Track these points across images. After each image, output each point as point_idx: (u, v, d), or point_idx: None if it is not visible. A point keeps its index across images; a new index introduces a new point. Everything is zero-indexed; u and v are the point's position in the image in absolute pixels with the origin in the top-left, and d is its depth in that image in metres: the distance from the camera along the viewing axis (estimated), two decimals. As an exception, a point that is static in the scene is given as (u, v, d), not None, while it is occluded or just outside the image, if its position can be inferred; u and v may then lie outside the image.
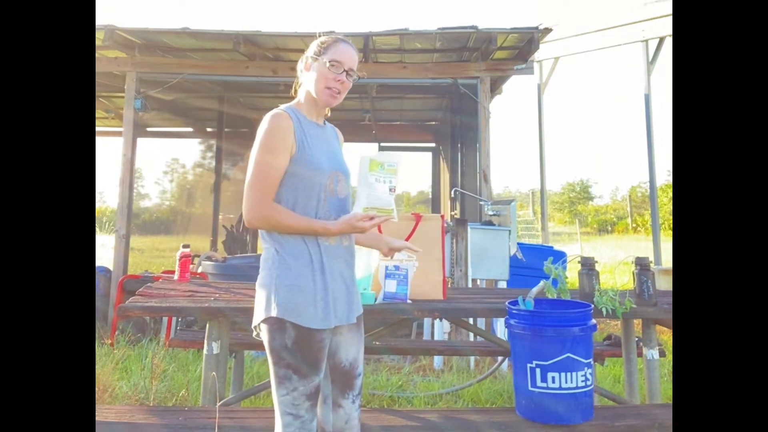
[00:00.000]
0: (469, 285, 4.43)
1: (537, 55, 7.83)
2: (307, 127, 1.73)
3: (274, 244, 1.67)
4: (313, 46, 1.78)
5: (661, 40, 7.01)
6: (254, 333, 1.69)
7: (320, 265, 1.65)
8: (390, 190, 1.71)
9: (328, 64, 1.71)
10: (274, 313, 1.59)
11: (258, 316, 1.65)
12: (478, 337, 4.19)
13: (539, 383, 2.02)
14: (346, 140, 2.03)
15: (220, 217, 8.96)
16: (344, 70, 1.72)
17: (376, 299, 2.42)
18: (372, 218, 1.66)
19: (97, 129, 9.21)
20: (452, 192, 7.48)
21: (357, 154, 1.86)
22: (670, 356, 3.76)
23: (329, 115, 1.88)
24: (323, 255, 1.67)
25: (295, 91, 1.85)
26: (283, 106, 1.75)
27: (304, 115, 1.76)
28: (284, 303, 1.59)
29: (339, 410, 1.71)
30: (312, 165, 1.68)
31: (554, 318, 2.09)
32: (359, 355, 1.77)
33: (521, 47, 5.51)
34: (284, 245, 1.66)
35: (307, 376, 1.60)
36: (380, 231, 2.56)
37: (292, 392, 1.59)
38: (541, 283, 2.43)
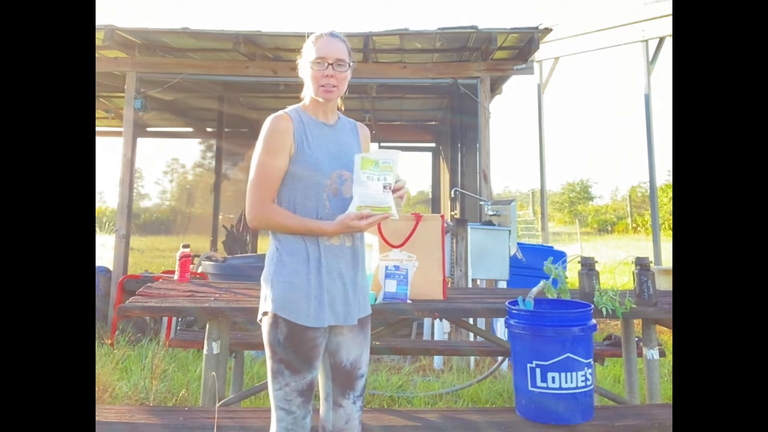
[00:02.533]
0: (469, 285, 4.43)
1: (537, 55, 7.83)
2: (310, 127, 1.74)
3: (275, 242, 1.71)
4: (302, 51, 1.81)
5: (661, 40, 7.00)
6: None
7: (317, 263, 1.67)
8: (384, 187, 1.67)
9: (312, 65, 1.73)
10: (269, 308, 1.64)
11: (260, 310, 1.71)
12: (478, 337, 4.19)
13: (539, 383, 2.02)
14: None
15: (220, 217, 8.96)
16: (329, 64, 1.72)
17: (376, 299, 2.42)
18: (367, 217, 1.65)
19: (97, 129, 9.21)
20: (452, 192, 7.48)
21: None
22: (670, 356, 3.75)
23: (343, 109, 1.88)
24: (322, 254, 1.68)
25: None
26: (288, 108, 1.78)
27: (309, 115, 1.77)
28: (278, 299, 1.63)
29: (339, 410, 1.72)
30: (310, 165, 1.69)
31: (554, 318, 2.09)
32: (362, 357, 1.76)
33: (521, 47, 5.51)
34: (284, 243, 1.69)
35: (298, 372, 1.62)
36: (380, 230, 2.56)
37: (284, 387, 1.62)
38: (541, 283, 2.43)
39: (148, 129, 9.34)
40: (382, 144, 10.27)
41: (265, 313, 1.67)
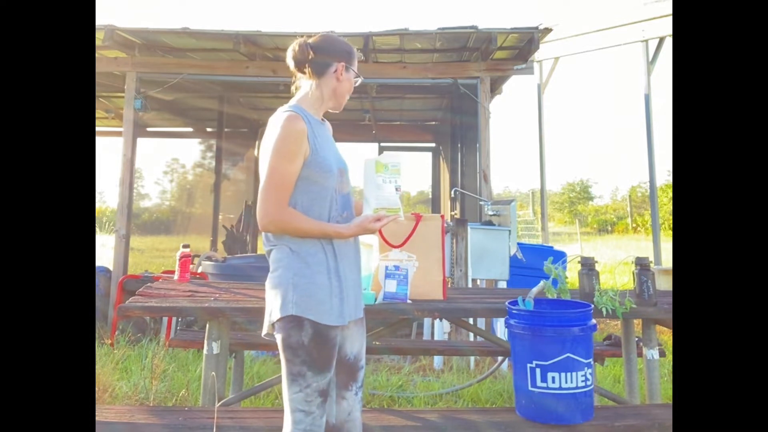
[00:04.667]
0: (469, 285, 4.43)
1: (537, 55, 7.82)
2: (316, 128, 1.75)
3: (288, 244, 1.68)
4: (344, 54, 1.80)
5: (661, 40, 7.00)
6: (264, 332, 1.70)
7: (335, 263, 1.69)
8: (396, 189, 1.75)
9: (353, 80, 1.80)
10: (292, 311, 1.61)
11: (273, 314, 1.65)
12: (478, 337, 4.19)
13: (539, 383, 2.02)
14: (345, 140, 2.07)
15: (220, 217, 8.95)
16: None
17: (376, 299, 2.42)
18: (383, 219, 1.71)
19: (97, 129, 9.20)
20: (452, 192, 7.47)
21: (357, 154, 1.88)
22: (670, 356, 3.75)
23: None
24: (337, 255, 1.70)
25: (296, 87, 1.84)
26: (293, 107, 1.74)
27: (311, 114, 1.77)
28: (302, 301, 1.62)
29: (342, 402, 1.75)
30: (324, 167, 1.70)
31: (554, 318, 2.09)
32: (362, 348, 1.82)
33: (521, 47, 5.51)
34: (300, 244, 1.68)
35: (320, 372, 1.62)
36: (380, 230, 2.56)
37: (305, 389, 1.61)
38: (541, 283, 2.42)
39: (148, 129, 9.32)
40: (382, 144, 10.27)
41: (283, 318, 1.62)
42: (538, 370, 2.02)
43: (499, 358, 3.88)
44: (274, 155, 1.65)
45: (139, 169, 13.30)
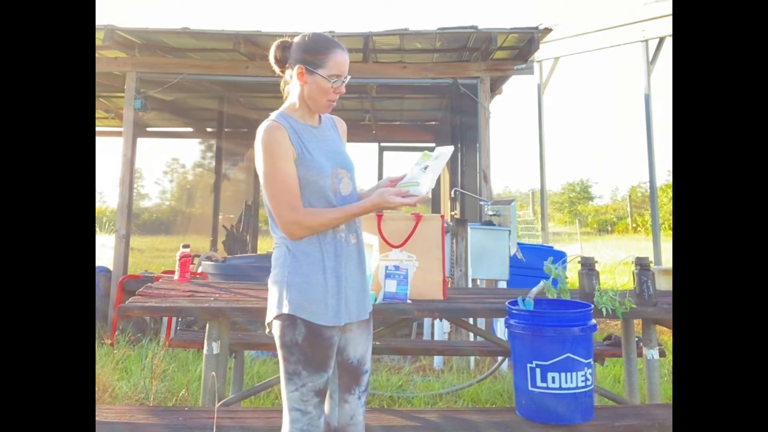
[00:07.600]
0: (469, 285, 4.43)
1: (537, 55, 7.81)
2: (302, 131, 1.72)
3: (286, 242, 1.68)
4: (306, 55, 1.69)
5: (661, 40, 6.99)
6: (267, 330, 1.71)
7: (332, 263, 1.67)
8: (423, 168, 1.74)
9: (330, 82, 1.68)
10: (285, 310, 1.62)
11: (270, 312, 1.67)
12: (478, 337, 4.19)
13: (539, 383, 2.02)
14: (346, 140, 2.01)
15: (220, 217, 8.94)
16: (342, 81, 1.72)
17: (376, 299, 2.42)
18: (403, 195, 1.67)
19: (97, 129, 9.20)
20: (452, 192, 7.47)
21: (357, 154, 1.87)
22: (670, 356, 3.75)
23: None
24: (335, 254, 1.68)
25: (283, 89, 1.81)
26: (273, 115, 1.73)
27: (297, 119, 1.74)
28: (295, 300, 1.62)
29: (344, 405, 1.73)
30: (313, 168, 1.68)
31: (554, 318, 2.09)
32: (367, 352, 1.78)
33: (521, 47, 5.51)
34: (296, 243, 1.67)
35: (316, 372, 1.62)
36: (380, 230, 2.56)
37: (301, 388, 1.61)
38: (541, 283, 2.43)
39: (148, 129, 9.32)
40: (382, 144, 10.29)
41: (278, 316, 1.64)
42: (538, 370, 2.02)
43: (499, 358, 3.88)
44: (265, 163, 1.66)
45: (139, 169, 13.28)
